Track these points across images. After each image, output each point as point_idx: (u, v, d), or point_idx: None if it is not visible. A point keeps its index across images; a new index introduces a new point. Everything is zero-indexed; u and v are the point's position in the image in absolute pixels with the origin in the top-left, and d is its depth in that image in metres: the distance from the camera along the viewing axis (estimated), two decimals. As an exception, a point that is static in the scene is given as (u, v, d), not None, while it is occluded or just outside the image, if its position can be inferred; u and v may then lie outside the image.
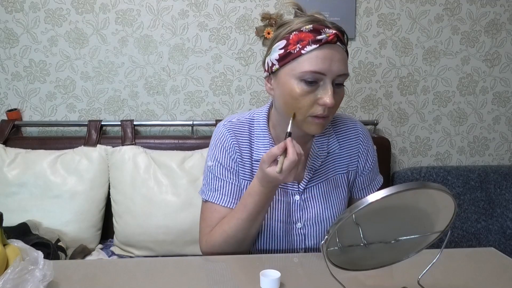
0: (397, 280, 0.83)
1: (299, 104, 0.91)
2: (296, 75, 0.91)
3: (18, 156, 1.64)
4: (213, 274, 0.92)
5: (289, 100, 0.93)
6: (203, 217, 1.05)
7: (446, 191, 0.64)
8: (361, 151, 1.10)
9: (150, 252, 1.62)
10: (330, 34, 0.89)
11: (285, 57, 0.92)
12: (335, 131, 1.09)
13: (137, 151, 1.69)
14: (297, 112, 0.92)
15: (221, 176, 1.04)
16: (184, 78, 1.88)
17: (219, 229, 1.00)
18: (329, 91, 0.89)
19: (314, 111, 0.91)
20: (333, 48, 0.90)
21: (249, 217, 0.95)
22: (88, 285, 0.85)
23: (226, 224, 0.99)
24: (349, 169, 1.09)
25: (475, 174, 1.91)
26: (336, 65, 0.90)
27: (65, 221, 1.58)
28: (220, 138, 1.05)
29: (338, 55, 0.90)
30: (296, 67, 0.91)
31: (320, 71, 0.89)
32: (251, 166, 1.04)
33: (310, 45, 0.89)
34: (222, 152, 1.04)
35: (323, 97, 0.90)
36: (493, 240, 1.87)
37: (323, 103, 0.90)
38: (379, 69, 1.95)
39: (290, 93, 0.92)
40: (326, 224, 1.05)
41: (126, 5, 1.81)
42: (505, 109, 2.04)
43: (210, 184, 1.05)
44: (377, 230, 0.70)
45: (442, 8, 1.93)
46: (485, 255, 1.02)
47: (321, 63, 0.89)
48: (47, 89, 1.85)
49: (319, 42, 0.89)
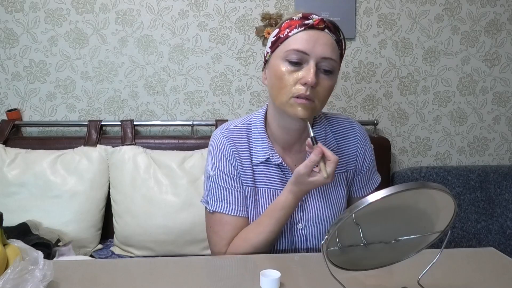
0: (397, 280, 0.83)
1: (282, 83, 0.94)
2: (282, 56, 0.94)
3: (18, 156, 1.64)
4: (213, 274, 0.92)
5: (275, 81, 0.96)
6: (214, 230, 1.04)
7: (446, 191, 0.64)
8: (359, 150, 1.10)
9: (150, 252, 1.62)
10: (316, 19, 0.94)
11: (275, 42, 0.97)
12: (333, 131, 1.09)
13: (137, 151, 1.69)
14: (281, 92, 0.95)
15: (226, 184, 1.03)
16: (184, 78, 1.88)
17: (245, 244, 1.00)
18: (311, 69, 0.92)
19: (297, 91, 0.93)
20: (319, 33, 0.94)
21: (280, 227, 0.99)
22: (88, 285, 0.85)
23: (253, 238, 0.99)
24: (348, 168, 1.10)
25: (475, 174, 1.91)
26: (320, 47, 0.93)
27: (65, 221, 1.58)
28: (219, 147, 1.04)
29: (323, 39, 0.93)
30: (283, 49, 0.95)
31: (304, 50, 0.92)
32: (252, 171, 1.04)
33: (297, 28, 0.94)
34: (223, 160, 1.03)
35: (305, 76, 0.92)
36: (493, 240, 1.87)
37: (304, 81, 0.92)
38: (379, 69, 1.95)
39: (275, 73, 0.95)
40: (327, 224, 1.05)
41: (126, 5, 1.81)
42: (505, 109, 2.04)
43: (215, 194, 1.03)
44: (377, 230, 0.70)
45: (442, 8, 1.93)
46: (485, 255, 1.02)
47: (305, 43, 0.92)
48: (47, 89, 1.85)
49: (306, 25, 0.93)
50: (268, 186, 1.04)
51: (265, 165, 1.03)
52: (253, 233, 1.00)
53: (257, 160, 1.03)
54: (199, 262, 0.99)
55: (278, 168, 1.04)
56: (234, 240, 1.01)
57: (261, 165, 1.04)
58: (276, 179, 1.04)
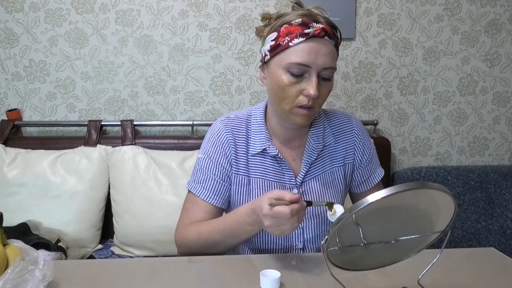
0: (397, 280, 0.83)
1: (285, 93, 0.95)
2: (284, 66, 0.95)
3: (18, 156, 1.64)
4: (213, 274, 0.92)
5: (277, 90, 0.97)
6: (185, 206, 1.09)
7: (446, 191, 0.64)
8: (357, 144, 1.11)
9: (150, 252, 1.62)
10: (317, 28, 0.93)
11: (275, 49, 0.97)
12: (330, 125, 1.11)
13: (137, 151, 1.69)
14: (284, 101, 0.96)
15: (208, 170, 1.05)
16: (184, 78, 1.88)
17: (195, 228, 1.02)
18: (313, 82, 0.93)
19: (300, 102, 0.95)
20: (319, 42, 0.94)
21: (224, 232, 0.97)
22: (88, 285, 0.85)
23: (202, 225, 1.01)
24: (346, 162, 1.10)
25: (475, 174, 1.91)
26: (321, 58, 0.93)
27: (65, 221, 1.58)
28: (216, 134, 1.07)
29: (324, 49, 0.94)
30: (284, 59, 0.95)
31: (305, 63, 0.93)
32: (246, 160, 1.05)
33: (298, 38, 0.94)
34: (215, 147, 1.06)
35: (307, 88, 0.93)
36: (493, 240, 1.87)
37: (307, 94, 0.93)
38: (379, 69, 1.95)
39: (277, 83, 0.96)
40: (324, 217, 1.05)
41: (126, 5, 1.81)
42: (505, 109, 2.04)
43: (196, 175, 1.07)
44: (377, 230, 0.70)
45: (442, 8, 1.93)
46: (485, 255, 1.02)
47: (306, 55, 0.93)
48: (47, 89, 1.85)
49: (306, 35, 0.93)
50: (262, 177, 1.05)
51: (261, 156, 1.05)
52: (206, 222, 1.02)
53: (254, 151, 1.05)
54: (199, 262, 0.99)
55: (274, 160, 1.05)
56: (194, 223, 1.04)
57: (257, 156, 1.05)
58: (271, 170, 1.05)
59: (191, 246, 1.02)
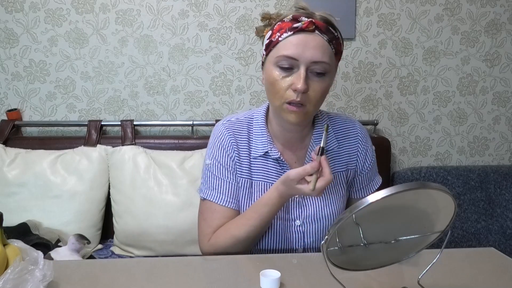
0: (397, 280, 0.83)
1: (275, 88, 0.95)
2: (274, 61, 0.95)
3: (18, 156, 1.64)
4: (213, 274, 0.92)
5: (268, 86, 0.97)
6: (203, 216, 1.06)
7: (446, 191, 0.64)
8: (360, 150, 1.10)
9: (150, 252, 1.62)
10: (305, 21, 0.92)
11: (269, 46, 0.97)
12: (334, 129, 1.10)
13: (137, 151, 1.69)
14: (275, 97, 0.96)
15: (220, 175, 1.04)
16: (184, 78, 1.88)
17: (227, 234, 1.00)
18: (301, 75, 0.92)
19: (289, 97, 0.94)
20: (308, 35, 0.93)
21: (262, 224, 0.98)
22: (88, 285, 0.85)
23: (235, 229, 1.00)
24: (348, 167, 1.10)
25: (475, 174, 1.91)
26: (309, 51, 0.92)
27: (65, 221, 1.58)
28: (219, 137, 1.06)
29: (313, 42, 0.92)
30: (274, 54, 0.95)
31: (292, 56, 0.92)
32: (249, 163, 1.05)
33: (286, 32, 0.93)
34: (221, 151, 1.05)
35: (295, 82, 0.92)
36: (493, 240, 1.87)
37: (294, 88, 0.92)
38: (379, 69, 1.95)
39: (268, 78, 0.96)
40: (325, 222, 1.05)
41: (126, 5, 1.81)
42: (505, 109, 2.04)
43: (209, 182, 1.05)
44: (377, 230, 0.70)
45: (442, 8, 1.93)
46: (485, 255, 1.02)
47: (294, 48, 0.92)
48: (47, 89, 1.85)
49: (295, 29, 0.93)
50: (264, 180, 1.05)
51: (263, 158, 1.05)
52: (235, 224, 1.01)
53: (256, 153, 1.04)
54: (199, 262, 0.99)
55: (276, 162, 1.04)
56: (219, 229, 1.03)
57: (259, 158, 1.05)
58: (273, 173, 1.04)
59: (228, 250, 1.01)
